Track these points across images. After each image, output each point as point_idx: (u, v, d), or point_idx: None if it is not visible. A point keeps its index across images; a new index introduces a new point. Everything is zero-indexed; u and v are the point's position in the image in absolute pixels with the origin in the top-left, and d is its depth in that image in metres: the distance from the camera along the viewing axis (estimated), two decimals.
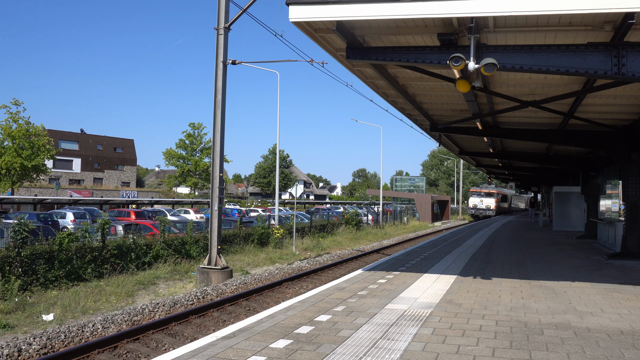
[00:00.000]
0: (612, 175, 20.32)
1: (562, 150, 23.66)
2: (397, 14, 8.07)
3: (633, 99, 12.86)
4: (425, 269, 12.28)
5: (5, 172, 43.87)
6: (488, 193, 62.99)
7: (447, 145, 27.44)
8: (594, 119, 14.75)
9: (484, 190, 63.54)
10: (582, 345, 6.20)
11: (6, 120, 44.21)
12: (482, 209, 61.21)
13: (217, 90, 15.91)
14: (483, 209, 61.30)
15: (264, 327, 6.71)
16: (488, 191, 63.13)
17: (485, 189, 64.30)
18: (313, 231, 29.80)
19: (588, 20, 8.22)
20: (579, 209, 28.29)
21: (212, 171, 16.24)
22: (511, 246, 19.08)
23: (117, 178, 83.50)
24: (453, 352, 5.82)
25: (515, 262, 14.17)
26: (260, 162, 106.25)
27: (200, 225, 23.46)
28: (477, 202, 62.78)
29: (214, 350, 5.69)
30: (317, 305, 8.09)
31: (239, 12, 15.62)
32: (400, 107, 17.04)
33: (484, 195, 62.51)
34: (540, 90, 12.90)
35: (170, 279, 15.97)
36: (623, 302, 8.86)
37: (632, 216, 15.04)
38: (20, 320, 10.75)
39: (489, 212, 60.85)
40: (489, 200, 62.18)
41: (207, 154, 65.99)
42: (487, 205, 61.70)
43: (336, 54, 10.77)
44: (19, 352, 8.65)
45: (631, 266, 13.68)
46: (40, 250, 13.95)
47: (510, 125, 17.76)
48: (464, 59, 8.18)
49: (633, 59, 8.18)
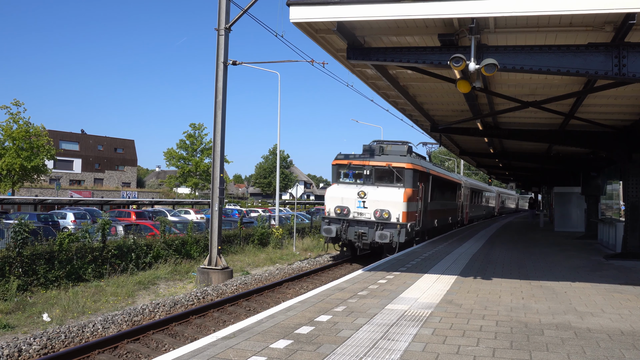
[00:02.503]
0: (612, 175, 20.33)
1: (563, 151, 23.67)
2: (397, 14, 8.07)
3: (634, 100, 12.86)
4: (426, 269, 12.28)
5: (5, 172, 43.89)
6: (382, 171, 18.64)
7: (448, 146, 27.47)
8: (594, 119, 14.74)
9: (372, 163, 18.65)
10: (582, 345, 6.20)
11: (7, 121, 44.24)
12: (363, 221, 18.21)
13: (217, 90, 15.91)
14: (366, 221, 18.19)
15: (264, 327, 6.71)
16: (386, 164, 18.41)
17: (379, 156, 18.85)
18: (313, 231, 29.80)
19: (589, 20, 8.22)
20: (579, 210, 28.26)
21: (213, 172, 16.24)
22: (511, 246, 19.07)
23: (118, 178, 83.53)
24: (453, 352, 5.82)
25: (515, 263, 14.16)
26: (260, 162, 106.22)
27: (200, 225, 23.46)
28: (348, 197, 18.65)
29: (214, 351, 5.69)
30: (317, 305, 8.09)
31: (240, 12, 15.62)
32: (401, 108, 17.06)
33: (373, 179, 18.69)
34: (541, 90, 12.90)
35: (170, 279, 15.96)
36: (623, 303, 8.86)
37: (632, 217, 15.03)
38: (21, 321, 10.75)
39: (388, 233, 17.48)
40: (389, 193, 18.22)
41: (208, 154, 65.97)
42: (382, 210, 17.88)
43: (337, 55, 10.77)
44: (19, 352, 8.65)
45: (631, 267, 13.67)
46: (40, 250, 13.96)
47: (510, 126, 17.77)
48: (464, 60, 8.18)
49: (634, 59, 8.18)
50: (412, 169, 18.44)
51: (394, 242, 17.51)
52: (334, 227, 18.29)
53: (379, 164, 18.55)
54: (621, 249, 15.83)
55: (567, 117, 14.65)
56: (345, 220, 18.36)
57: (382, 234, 17.52)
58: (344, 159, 19.19)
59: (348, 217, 18.39)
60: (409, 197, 18.13)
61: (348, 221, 18.34)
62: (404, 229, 17.66)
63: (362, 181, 18.83)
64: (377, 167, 18.61)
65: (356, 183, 18.95)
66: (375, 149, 18.93)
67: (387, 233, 17.50)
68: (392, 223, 17.73)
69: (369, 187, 18.46)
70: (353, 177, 19.19)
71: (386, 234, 17.49)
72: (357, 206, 18.34)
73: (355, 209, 18.36)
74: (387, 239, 17.45)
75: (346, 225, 18.30)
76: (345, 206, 18.50)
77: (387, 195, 18.06)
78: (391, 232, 17.55)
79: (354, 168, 19.06)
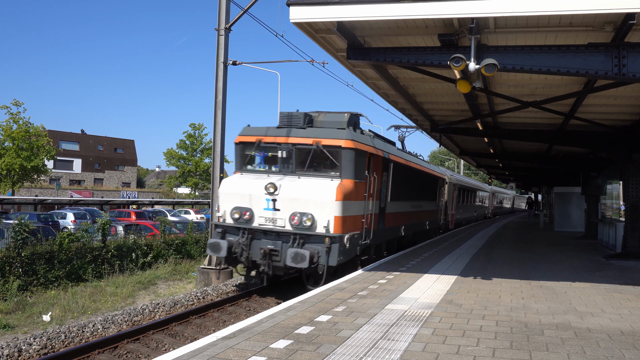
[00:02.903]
0: (612, 175, 20.34)
1: (563, 151, 23.67)
2: (397, 14, 8.08)
3: (634, 100, 12.87)
4: (426, 269, 12.28)
5: (5, 172, 43.90)
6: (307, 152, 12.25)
7: (448, 146, 27.46)
8: (594, 119, 14.75)
9: (292, 140, 12.33)
10: (582, 345, 6.20)
11: (7, 121, 44.25)
12: (274, 232, 11.81)
13: (217, 90, 15.92)
14: (278, 231, 11.75)
15: (264, 327, 6.71)
16: (312, 141, 12.05)
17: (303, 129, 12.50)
18: None
19: (589, 20, 8.22)
20: (579, 210, 28.27)
21: (213, 172, 16.25)
22: (512, 246, 19.08)
23: (118, 178, 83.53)
24: (453, 352, 5.82)
25: (515, 263, 14.17)
26: None
27: (200, 225, 23.48)
28: (251, 193, 12.19)
29: (214, 351, 5.69)
30: (317, 305, 8.09)
31: (240, 12, 15.64)
32: (400, 108, 17.05)
33: (293, 165, 12.38)
34: (541, 90, 12.91)
35: (170, 279, 15.97)
36: (623, 303, 8.86)
37: (632, 217, 15.03)
38: (21, 321, 10.76)
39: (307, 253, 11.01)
40: (313, 187, 11.79)
41: (208, 154, 65.90)
42: (301, 213, 11.55)
43: (337, 55, 10.78)
44: (19, 352, 8.66)
45: (631, 267, 13.68)
46: (40, 250, 13.98)
47: (510, 126, 17.78)
48: (464, 60, 8.19)
49: (634, 59, 8.19)
50: (353, 149, 11.81)
51: (321, 265, 11.17)
52: (226, 241, 11.84)
53: (302, 142, 12.13)
54: (621, 249, 15.83)
55: (567, 117, 14.65)
56: (246, 230, 11.90)
57: (296, 254, 10.93)
58: (251, 135, 12.80)
59: (251, 225, 11.95)
60: (348, 194, 11.64)
61: (251, 231, 11.90)
62: (337, 245, 11.21)
63: (278, 168, 12.48)
64: (299, 146, 12.15)
65: (269, 172, 12.54)
66: (298, 119, 12.57)
67: (306, 252, 10.88)
68: (317, 235, 11.33)
69: (285, 178, 12.03)
70: (265, 163, 12.86)
71: (304, 253, 10.88)
72: (265, 207, 11.83)
73: (262, 211, 11.87)
74: (305, 261, 10.84)
75: (248, 238, 11.88)
76: (246, 207, 11.99)
77: (310, 190, 11.59)
78: (315, 249, 11.19)
79: (266, 148, 12.66)
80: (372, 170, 13.21)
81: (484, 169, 45.95)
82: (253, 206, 12.04)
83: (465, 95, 12.87)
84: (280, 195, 11.79)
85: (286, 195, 11.77)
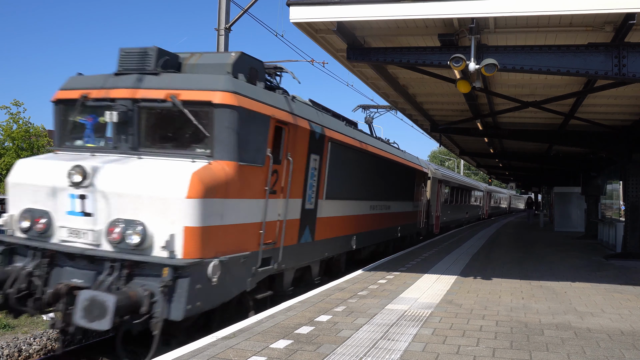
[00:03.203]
0: (612, 175, 20.34)
1: (563, 151, 23.67)
2: (397, 14, 8.08)
3: (634, 100, 12.87)
4: (426, 270, 12.28)
5: (5, 173, 43.93)
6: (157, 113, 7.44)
7: (448, 146, 27.47)
8: (594, 119, 14.76)
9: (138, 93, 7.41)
10: (582, 345, 6.20)
11: (7, 121, 44.28)
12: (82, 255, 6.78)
13: None
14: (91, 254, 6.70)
15: (264, 327, 6.71)
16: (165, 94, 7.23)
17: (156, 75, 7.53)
18: None
19: (588, 20, 8.23)
20: (579, 210, 28.27)
21: None
22: (511, 247, 19.07)
23: None
24: (453, 352, 5.82)
25: (515, 263, 14.17)
26: None
27: None
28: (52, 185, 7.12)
29: (214, 351, 5.69)
30: (317, 305, 8.09)
31: (240, 12, 15.64)
32: (400, 108, 17.06)
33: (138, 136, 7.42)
34: (541, 90, 12.91)
35: None
36: (623, 303, 8.86)
37: (632, 217, 15.03)
38: (21, 321, 10.74)
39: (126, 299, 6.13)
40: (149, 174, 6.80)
41: None
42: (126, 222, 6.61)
43: (337, 55, 10.79)
44: (19, 352, 8.65)
45: (632, 267, 13.67)
46: None
47: (510, 126, 17.78)
48: (464, 60, 8.19)
49: (634, 59, 8.19)
50: (236, 107, 7.24)
51: (157, 316, 6.31)
52: (11, 267, 7.15)
53: (149, 95, 7.41)
54: (621, 249, 15.83)
55: (567, 117, 14.66)
56: (39, 251, 7.06)
57: (92, 303, 6.00)
58: (77, 88, 7.94)
59: (48, 242, 7.13)
60: (220, 185, 6.98)
61: (47, 252, 7.03)
62: (186, 280, 6.37)
63: (113, 142, 7.60)
64: (143, 103, 7.44)
65: (101, 149, 7.68)
66: (147, 59, 7.72)
67: (109, 299, 5.95)
68: (151, 263, 6.49)
69: (110, 159, 7.29)
70: (96, 133, 7.87)
71: (105, 301, 5.97)
72: (69, 210, 7.04)
73: (65, 216, 7.08)
74: (106, 317, 5.92)
75: (44, 264, 7.01)
76: (42, 210, 7.22)
77: (144, 180, 6.80)
78: (148, 288, 6.38)
79: (97, 109, 7.75)
80: (285, 148, 8.66)
81: (484, 169, 45.97)
82: (53, 208, 7.16)
83: (465, 95, 12.88)
84: (92, 189, 6.90)
85: (103, 188, 6.86)
